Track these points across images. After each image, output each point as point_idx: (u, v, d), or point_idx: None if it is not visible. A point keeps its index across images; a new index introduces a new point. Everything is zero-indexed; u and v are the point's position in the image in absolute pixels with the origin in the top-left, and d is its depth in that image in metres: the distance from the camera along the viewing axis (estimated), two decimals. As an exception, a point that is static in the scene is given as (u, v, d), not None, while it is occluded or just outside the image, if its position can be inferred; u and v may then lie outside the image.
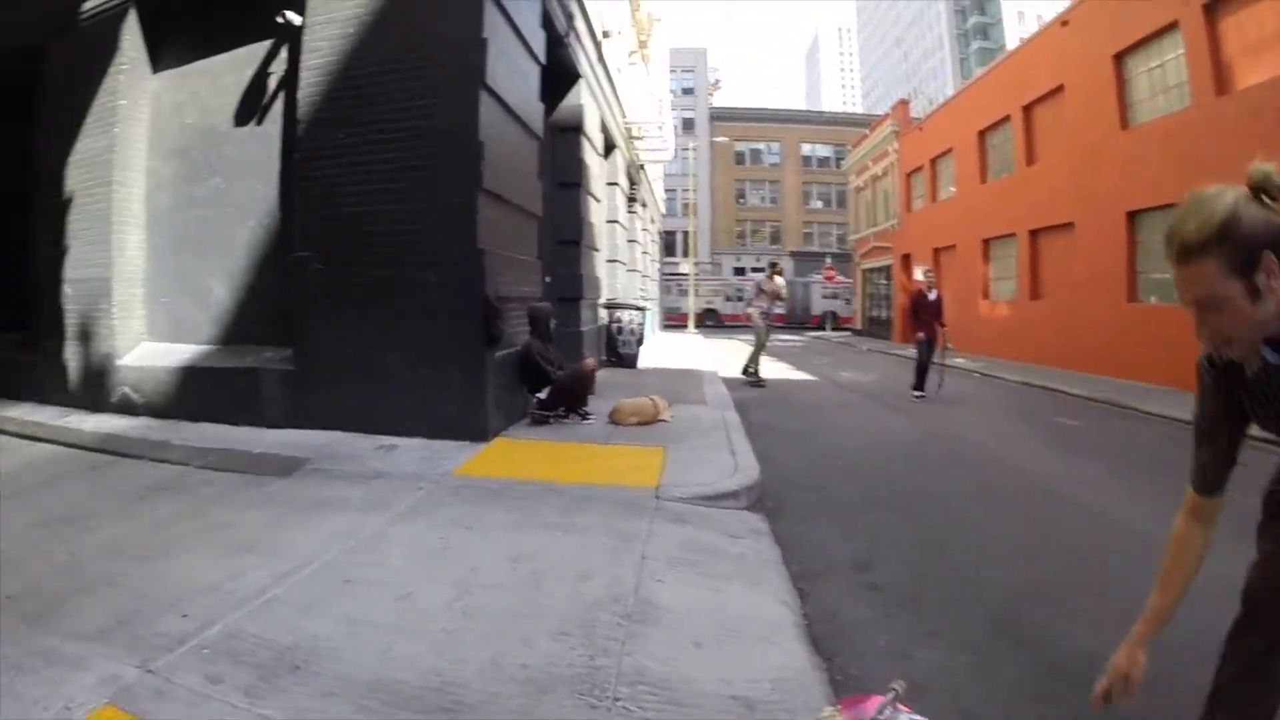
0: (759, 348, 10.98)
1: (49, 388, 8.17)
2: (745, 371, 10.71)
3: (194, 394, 6.80)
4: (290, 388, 6.17)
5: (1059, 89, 15.54)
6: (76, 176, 7.79)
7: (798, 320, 38.09)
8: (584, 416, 6.49)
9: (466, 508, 3.80)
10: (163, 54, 7.74)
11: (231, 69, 7.10)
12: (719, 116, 50.10)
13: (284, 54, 6.64)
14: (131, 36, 7.46)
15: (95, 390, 7.63)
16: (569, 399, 6.42)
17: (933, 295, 10.42)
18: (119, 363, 7.38)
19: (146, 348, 7.57)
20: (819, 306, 39.21)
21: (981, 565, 3.57)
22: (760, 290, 11.02)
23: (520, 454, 5.21)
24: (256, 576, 2.97)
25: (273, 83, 6.72)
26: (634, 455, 5.18)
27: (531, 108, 6.87)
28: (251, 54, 6.91)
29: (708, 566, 3.12)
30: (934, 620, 2.94)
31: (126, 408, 7.29)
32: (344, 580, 2.85)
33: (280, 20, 6.17)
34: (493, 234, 5.67)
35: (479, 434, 5.39)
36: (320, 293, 5.92)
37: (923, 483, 5.29)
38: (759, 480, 4.65)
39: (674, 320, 36.16)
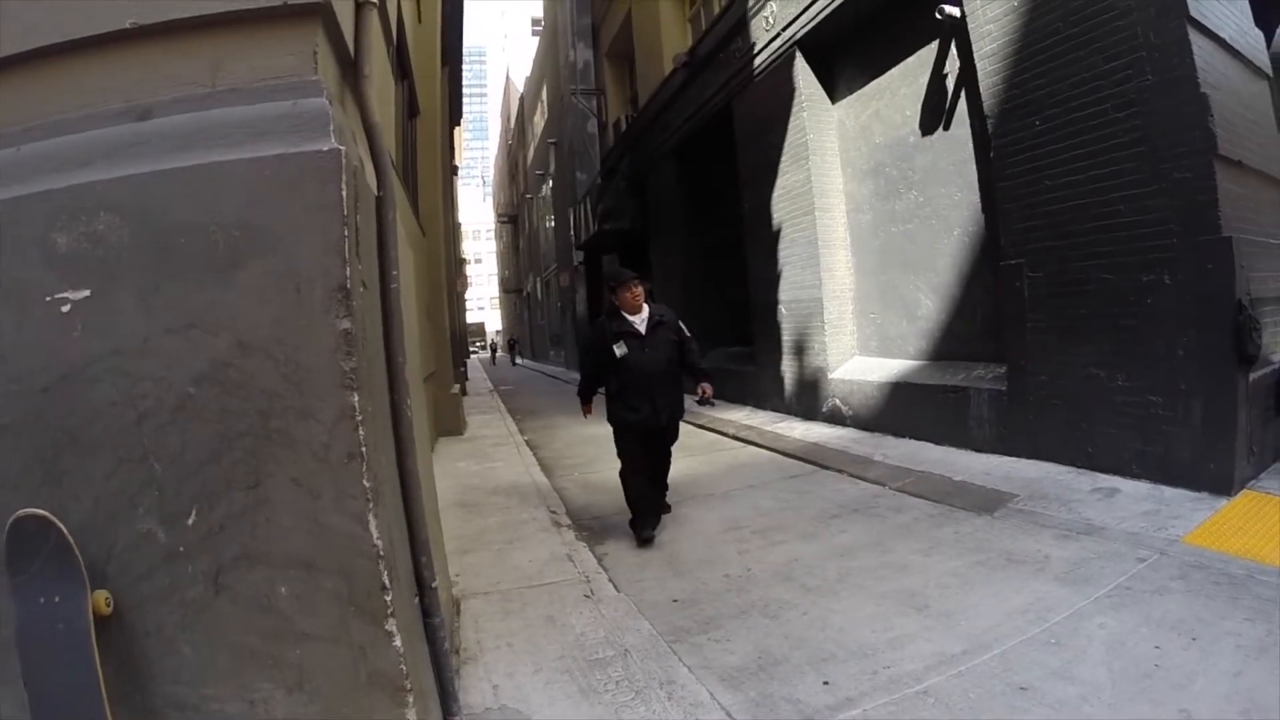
0: None
1: (764, 395, 10.43)
2: None
3: (899, 409, 7.67)
4: (1000, 409, 6.40)
5: None
6: (782, 209, 9.62)
7: None
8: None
9: (1192, 602, 3.37)
10: (836, 84, 9.08)
11: (904, 80, 7.84)
12: None
13: (953, 50, 6.99)
14: (803, 76, 9.01)
15: (806, 400, 9.34)
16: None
17: None
18: (830, 376, 8.81)
19: (856, 362, 8.81)
20: None
21: None
22: None
23: (1271, 519, 4.36)
24: (918, 651, 3.12)
25: (949, 83, 7.11)
26: None
27: (1249, 39, 5.80)
28: (920, 60, 7.52)
29: None
30: None
31: (834, 418, 8.67)
32: (1018, 687, 2.78)
33: (939, 17, 6.50)
34: (1239, 214, 4.95)
35: (1220, 484, 4.75)
36: (1034, 304, 5.98)
37: None
38: None
39: None
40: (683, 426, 5.59)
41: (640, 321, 5.29)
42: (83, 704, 1.74)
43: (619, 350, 5.19)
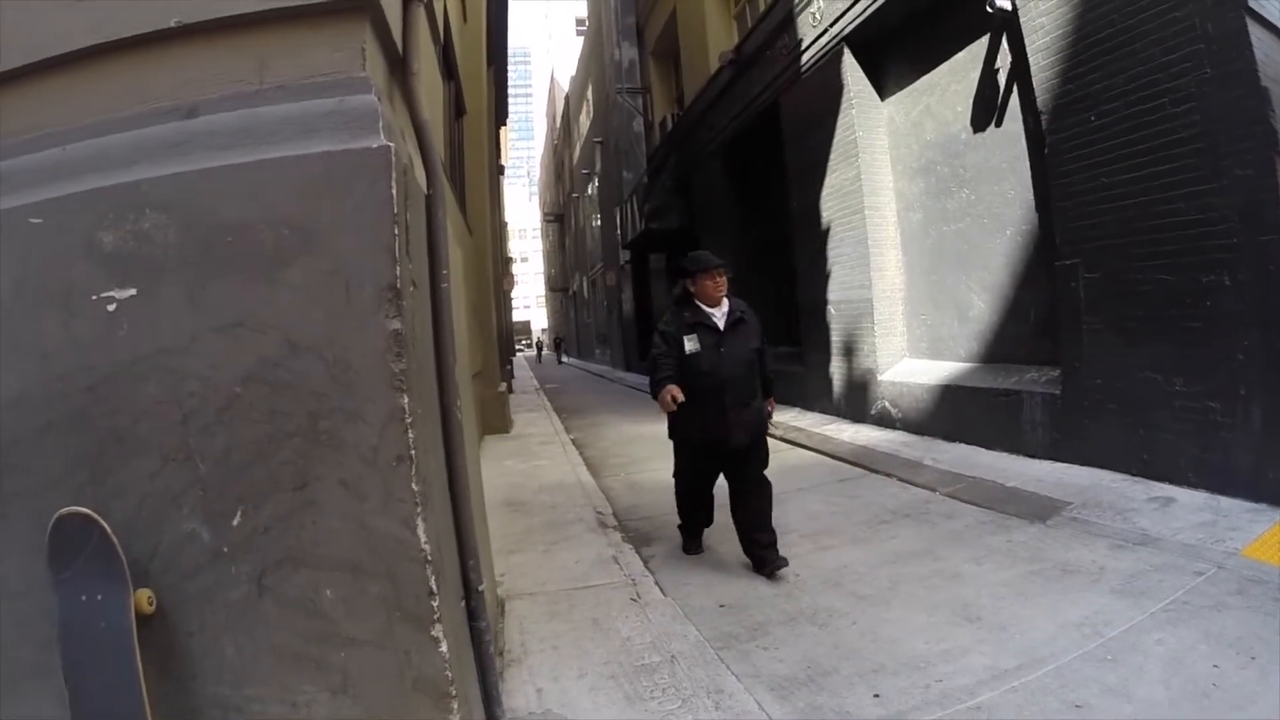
0: None
1: (813, 396, 10.31)
2: None
3: (950, 413, 7.52)
4: (1054, 414, 6.23)
5: None
6: (831, 207, 9.49)
7: None
8: None
9: (1252, 619, 3.21)
10: (885, 80, 8.95)
11: (954, 76, 7.69)
12: None
13: (1004, 44, 6.82)
14: (852, 73, 8.89)
15: (855, 402, 9.21)
16: None
17: None
18: (880, 378, 8.66)
19: (906, 364, 8.67)
20: None
21: None
22: None
23: (1337, 532, 4.11)
24: (971, 664, 3.02)
25: (1001, 78, 6.94)
26: None
27: None
28: (971, 55, 7.36)
29: None
30: None
31: (884, 421, 8.55)
32: (1073, 704, 2.67)
33: (990, 10, 6.35)
34: (1303, 214, 4.68)
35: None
36: (1090, 305, 5.82)
37: None
38: None
39: None
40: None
41: (719, 316, 4.48)
42: (123, 702, 1.72)
43: (689, 344, 4.36)
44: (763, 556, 4.34)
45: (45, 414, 1.87)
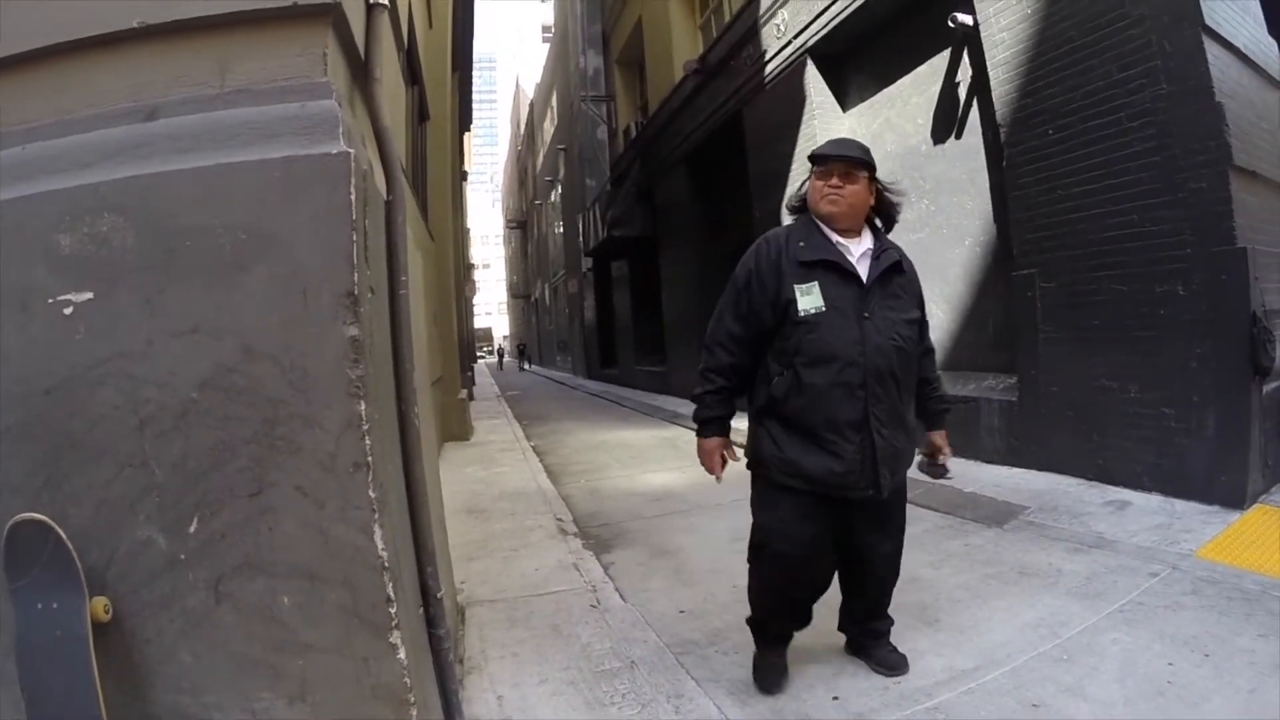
0: None
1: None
2: None
3: (914, 421, 7.94)
4: (1011, 421, 6.35)
5: None
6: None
7: None
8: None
9: (1206, 618, 3.30)
10: (847, 92, 9.09)
11: (916, 89, 7.84)
12: None
13: (965, 59, 6.95)
14: (814, 84, 9.04)
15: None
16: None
17: None
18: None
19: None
20: None
21: None
22: None
23: (1284, 534, 4.27)
24: (929, 666, 3.08)
25: (961, 91, 7.08)
26: None
27: (1263, 47, 5.77)
28: (932, 69, 7.50)
29: None
30: None
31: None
32: (1030, 704, 2.71)
33: (951, 25, 6.50)
34: (1253, 225, 4.89)
35: (1232, 498, 4.69)
36: (1046, 314, 5.94)
37: None
38: None
39: None
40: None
41: (859, 253, 2.67)
42: (80, 711, 1.71)
43: (805, 302, 2.52)
44: (875, 637, 3.13)
45: (0, 419, 1.85)
